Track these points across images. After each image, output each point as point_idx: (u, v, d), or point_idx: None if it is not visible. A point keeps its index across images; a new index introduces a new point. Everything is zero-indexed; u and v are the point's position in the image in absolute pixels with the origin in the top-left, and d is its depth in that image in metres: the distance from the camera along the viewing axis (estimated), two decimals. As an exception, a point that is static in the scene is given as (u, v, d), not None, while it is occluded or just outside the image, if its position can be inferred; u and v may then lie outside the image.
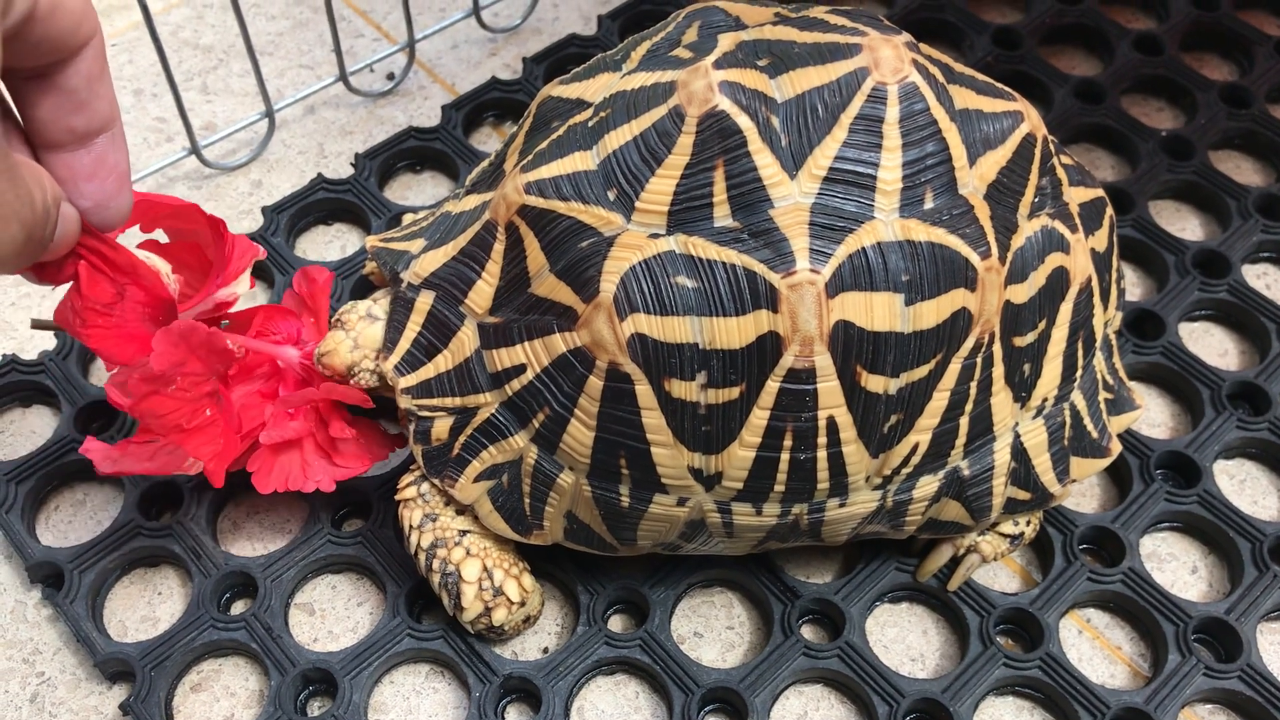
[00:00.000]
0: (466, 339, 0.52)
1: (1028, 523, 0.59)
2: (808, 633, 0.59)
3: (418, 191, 0.76)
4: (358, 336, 0.55)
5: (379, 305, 0.56)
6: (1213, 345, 0.69)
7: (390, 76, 0.82)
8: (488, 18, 0.84)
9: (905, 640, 0.59)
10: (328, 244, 0.73)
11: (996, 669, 0.56)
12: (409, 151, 0.76)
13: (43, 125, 0.41)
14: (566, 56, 0.81)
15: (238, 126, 0.77)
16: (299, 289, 0.59)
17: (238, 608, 0.59)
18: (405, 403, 0.54)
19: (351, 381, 0.55)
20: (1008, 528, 0.58)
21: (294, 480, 0.57)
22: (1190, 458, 0.63)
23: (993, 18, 0.84)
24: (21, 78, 0.40)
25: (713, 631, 0.59)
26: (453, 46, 0.84)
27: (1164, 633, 0.58)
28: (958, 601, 0.59)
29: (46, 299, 0.71)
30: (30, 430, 0.65)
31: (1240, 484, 0.64)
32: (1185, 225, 0.74)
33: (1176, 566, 0.61)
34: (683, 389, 0.48)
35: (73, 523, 0.62)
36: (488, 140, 0.79)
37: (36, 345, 0.68)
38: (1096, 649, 0.59)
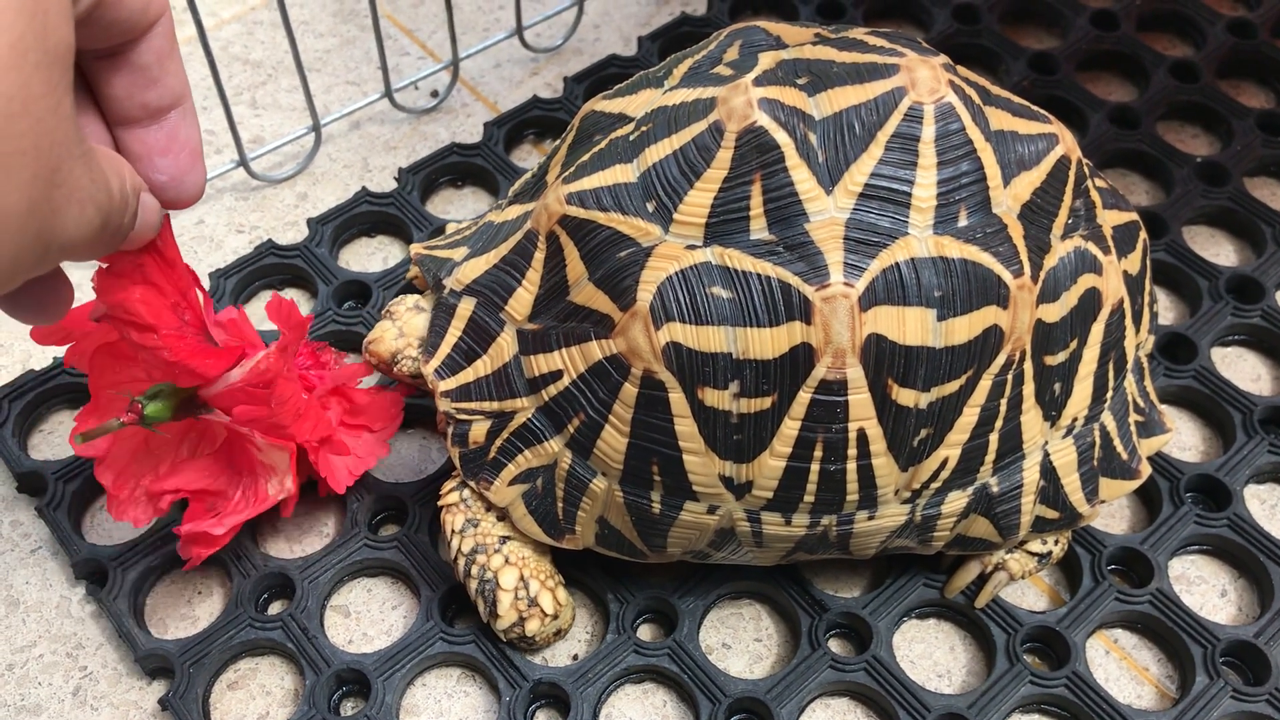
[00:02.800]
0: (505, 345, 0.54)
1: (1055, 542, 0.59)
2: (835, 646, 0.59)
3: (459, 206, 0.78)
4: (403, 325, 0.57)
5: (426, 299, 0.59)
6: (1245, 370, 0.69)
7: (434, 94, 0.83)
8: (530, 38, 0.86)
9: (932, 656, 0.59)
10: (370, 256, 0.75)
11: (1022, 686, 0.57)
12: (451, 167, 0.78)
13: (117, 102, 0.42)
14: (606, 76, 0.82)
15: (285, 140, 0.79)
16: (273, 317, 0.57)
17: (275, 608, 0.61)
18: (444, 406, 0.55)
19: (395, 369, 0.58)
20: (1036, 546, 0.59)
21: (356, 464, 0.60)
22: (1221, 481, 0.63)
23: (1029, 43, 0.85)
24: (95, 57, 0.41)
25: (740, 642, 0.60)
26: (495, 65, 0.86)
27: (1192, 655, 0.58)
28: (985, 619, 0.59)
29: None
30: (78, 431, 0.67)
31: (1271, 508, 0.64)
32: (1219, 250, 0.74)
33: (1206, 589, 0.61)
34: (715, 397, 0.49)
35: (117, 522, 0.64)
36: (528, 157, 0.80)
37: (86, 349, 0.70)
38: (1124, 669, 0.59)
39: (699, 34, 0.85)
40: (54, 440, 0.67)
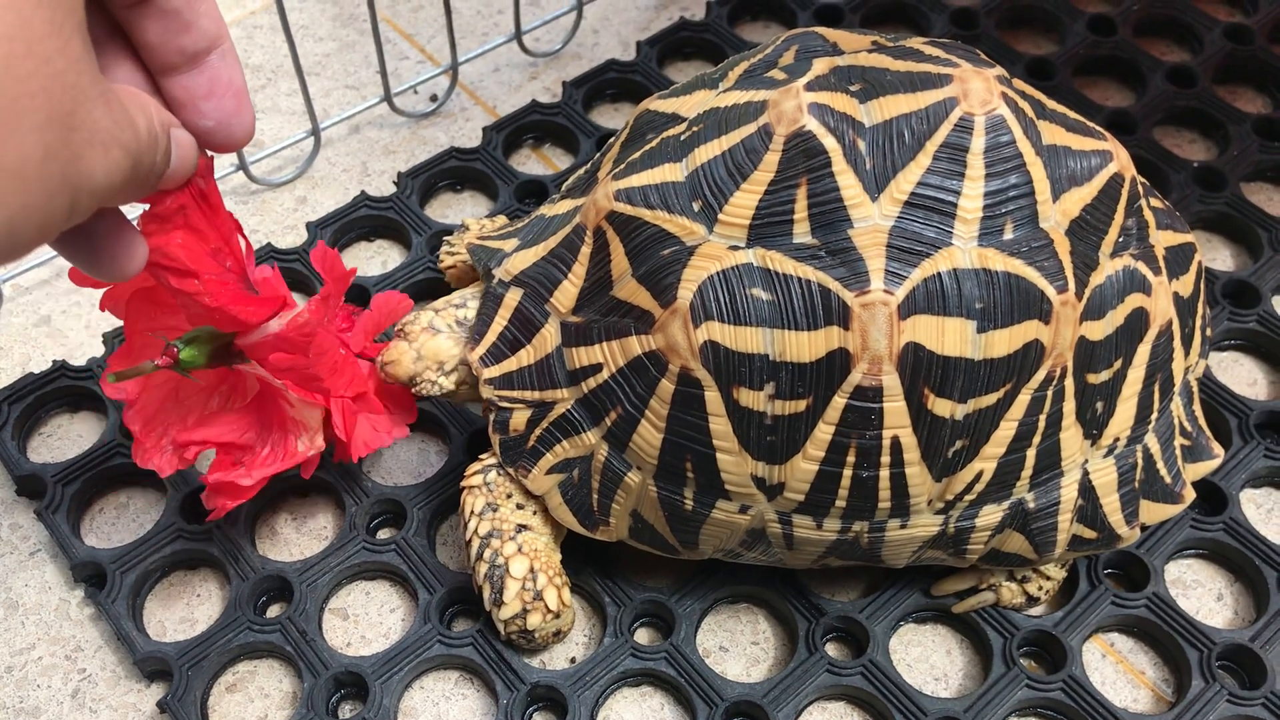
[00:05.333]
0: (549, 336, 0.54)
1: (1046, 593, 0.59)
2: (832, 650, 0.59)
3: (458, 210, 0.78)
4: (420, 348, 0.57)
5: (440, 318, 0.58)
6: (1242, 375, 0.70)
7: (433, 98, 0.84)
8: (529, 42, 0.86)
9: (929, 660, 0.60)
10: (369, 259, 0.75)
11: (1019, 690, 0.57)
12: (450, 171, 0.78)
13: (154, 49, 0.42)
14: (605, 81, 0.83)
15: (284, 144, 0.79)
16: (319, 265, 0.57)
17: (273, 611, 0.61)
18: (487, 393, 0.55)
19: (414, 390, 0.57)
20: (1033, 588, 0.59)
21: (373, 436, 0.59)
22: (1217, 485, 0.63)
23: (1027, 48, 0.85)
24: (124, 5, 0.41)
25: (738, 646, 0.60)
26: (494, 70, 0.86)
27: (1188, 658, 0.58)
28: (981, 623, 0.59)
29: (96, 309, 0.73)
30: (77, 434, 0.67)
31: (1267, 513, 0.64)
32: (1216, 255, 0.75)
33: (1202, 593, 0.62)
34: (751, 398, 0.49)
35: (116, 525, 0.64)
36: (526, 161, 0.80)
37: (85, 352, 0.70)
38: (1120, 673, 0.59)
39: (697, 39, 0.85)
40: (53, 443, 0.67)
